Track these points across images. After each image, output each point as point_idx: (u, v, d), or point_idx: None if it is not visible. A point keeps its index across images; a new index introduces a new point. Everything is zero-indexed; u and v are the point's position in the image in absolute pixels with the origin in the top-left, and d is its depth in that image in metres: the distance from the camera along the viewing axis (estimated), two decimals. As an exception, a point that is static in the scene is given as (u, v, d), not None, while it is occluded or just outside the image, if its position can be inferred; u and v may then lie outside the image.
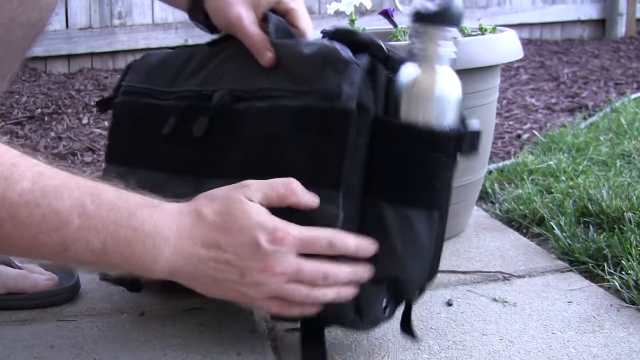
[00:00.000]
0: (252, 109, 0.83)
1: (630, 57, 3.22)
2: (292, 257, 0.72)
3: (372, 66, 0.78)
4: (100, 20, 2.98)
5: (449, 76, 0.78)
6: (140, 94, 0.96)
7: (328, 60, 0.79)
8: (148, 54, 1.00)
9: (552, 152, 1.68)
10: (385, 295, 0.81)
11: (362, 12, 2.92)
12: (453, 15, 0.77)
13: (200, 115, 0.86)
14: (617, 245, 1.10)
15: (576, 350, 0.86)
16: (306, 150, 0.77)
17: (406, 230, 0.78)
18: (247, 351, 0.86)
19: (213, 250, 0.71)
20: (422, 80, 0.77)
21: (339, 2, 1.27)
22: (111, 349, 0.88)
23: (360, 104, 0.76)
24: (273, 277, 0.72)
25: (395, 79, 0.78)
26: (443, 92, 0.77)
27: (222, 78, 0.88)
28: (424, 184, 0.78)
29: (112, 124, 1.00)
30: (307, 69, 0.80)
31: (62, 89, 2.53)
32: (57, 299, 0.99)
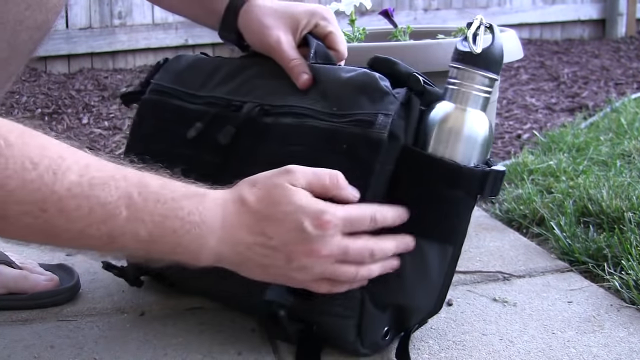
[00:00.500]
0: (279, 124, 0.84)
1: (630, 57, 3.22)
2: (338, 238, 0.72)
3: (408, 98, 0.79)
4: (100, 20, 2.98)
5: (480, 118, 0.79)
6: (168, 94, 0.96)
7: (366, 88, 0.80)
8: (179, 56, 1.01)
9: (552, 152, 1.68)
10: (388, 322, 0.82)
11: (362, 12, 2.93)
12: (495, 61, 0.79)
13: (228, 123, 0.86)
14: (617, 245, 1.10)
15: (576, 350, 0.86)
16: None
17: (418, 260, 0.79)
18: (247, 350, 0.86)
19: (259, 237, 0.71)
20: (453, 118, 0.78)
21: (339, 2, 1.27)
22: (111, 349, 0.88)
23: (391, 133, 0.77)
24: (320, 259, 0.72)
25: (428, 113, 0.79)
26: (471, 132, 0.78)
27: (252, 91, 0.89)
28: (442, 218, 0.79)
29: (136, 121, 1.00)
30: (342, 94, 0.82)
31: (62, 89, 2.53)
32: (57, 299, 0.99)
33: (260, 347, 0.87)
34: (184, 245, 0.69)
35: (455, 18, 3.52)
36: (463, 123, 0.78)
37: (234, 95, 0.89)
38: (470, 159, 0.78)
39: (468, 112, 0.79)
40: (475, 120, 0.79)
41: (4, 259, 1.01)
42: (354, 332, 0.81)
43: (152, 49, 3.05)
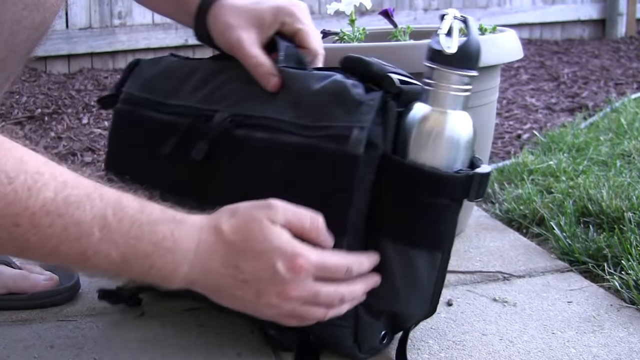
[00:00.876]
0: (253, 139, 0.81)
1: (630, 57, 3.22)
2: (309, 282, 0.72)
3: (384, 103, 0.75)
4: (100, 20, 2.98)
5: (461, 118, 0.76)
6: (139, 104, 0.93)
7: (338, 98, 0.77)
8: (151, 60, 0.98)
9: (552, 152, 1.68)
10: (384, 327, 0.82)
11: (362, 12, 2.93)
12: (472, 58, 0.75)
13: (201, 137, 0.84)
14: (617, 245, 1.10)
15: (576, 350, 0.86)
16: (310, 192, 0.76)
17: (407, 270, 0.78)
18: (247, 351, 0.86)
19: (231, 269, 0.71)
20: (432, 122, 0.75)
21: (339, 2, 1.27)
22: (111, 349, 0.88)
23: (368, 142, 0.74)
24: (289, 301, 0.71)
25: (407, 115, 0.77)
26: (452, 135, 0.76)
27: (225, 97, 0.86)
28: (428, 227, 0.77)
29: (112, 131, 0.99)
30: (315, 105, 0.78)
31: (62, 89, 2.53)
32: (57, 299, 0.99)
33: (260, 348, 0.87)
34: (157, 268, 0.68)
35: (455, 18, 3.52)
36: (443, 127, 0.75)
37: (206, 104, 0.86)
38: (453, 162, 0.76)
39: (447, 114, 0.76)
40: (455, 122, 0.76)
41: (3, 258, 1.01)
42: (350, 339, 0.81)
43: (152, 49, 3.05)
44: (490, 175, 0.78)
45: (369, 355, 0.84)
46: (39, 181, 0.62)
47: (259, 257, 0.70)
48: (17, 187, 0.61)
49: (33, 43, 0.81)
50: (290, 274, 0.70)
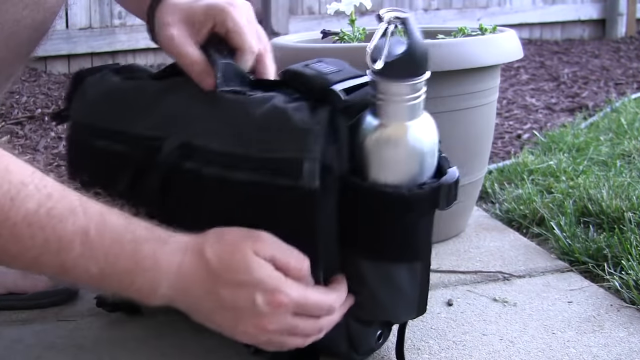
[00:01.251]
0: (205, 176, 0.76)
1: (630, 57, 3.22)
2: (288, 317, 0.71)
3: (332, 121, 0.71)
4: (100, 20, 2.98)
5: (420, 127, 0.71)
6: (88, 133, 0.87)
7: (281, 127, 0.72)
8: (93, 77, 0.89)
9: (552, 152, 1.68)
10: (377, 329, 0.82)
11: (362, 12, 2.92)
12: (416, 64, 0.68)
13: (152, 171, 0.79)
14: (617, 245, 1.10)
15: (576, 350, 0.85)
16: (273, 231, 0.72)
17: (388, 283, 0.76)
18: (246, 351, 0.86)
19: (211, 295, 0.70)
20: (389, 139, 0.70)
21: (339, 2, 1.27)
22: (111, 349, 0.88)
23: (323, 166, 0.70)
24: (266, 333, 0.71)
25: (359, 130, 0.72)
26: (414, 147, 0.71)
27: (172, 123, 0.80)
28: (401, 242, 0.75)
29: (68, 160, 0.93)
30: (259, 135, 0.74)
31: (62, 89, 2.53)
32: (57, 299, 0.99)
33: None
34: (136, 285, 0.68)
35: (455, 18, 3.52)
36: (401, 141, 0.70)
37: (154, 131, 0.81)
38: (418, 176, 0.72)
39: (405, 127, 0.70)
40: (414, 133, 0.71)
41: (3, 259, 1.01)
42: (345, 345, 0.81)
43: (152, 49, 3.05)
44: (458, 180, 0.74)
45: (367, 355, 0.84)
46: (22, 192, 0.62)
47: (239, 288, 0.69)
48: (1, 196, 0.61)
49: (33, 43, 0.81)
50: (269, 308, 0.69)
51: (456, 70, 1.10)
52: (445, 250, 1.17)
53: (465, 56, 1.10)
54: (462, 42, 1.12)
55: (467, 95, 1.13)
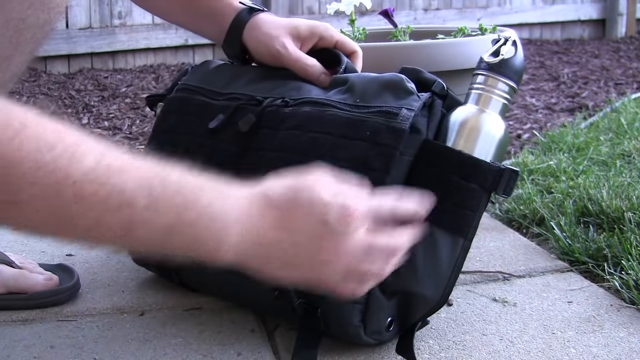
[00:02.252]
0: (300, 112, 0.88)
1: (630, 57, 3.22)
2: (362, 234, 0.71)
3: (431, 100, 0.85)
4: (100, 20, 2.98)
5: (499, 121, 0.86)
6: (194, 91, 1.00)
7: (391, 86, 0.86)
8: (207, 61, 1.05)
9: (552, 152, 1.68)
10: (392, 312, 0.83)
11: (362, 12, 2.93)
12: (516, 71, 0.86)
13: (249, 113, 0.91)
14: (617, 245, 1.10)
15: (576, 350, 0.86)
16: (352, 158, 0.82)
17: (429, 249, 0.81)
18: (247, 351, 0.86)
19: (282, 232, 0.69)
20: (474, 118, 0.85)
21: (339, 2, 1.27)
22: (111, 349, 0.88)
23: (413, 126, 0.82)
24: (344, 255, 0.70)
25: (450, 114, 0.85)
26: (490, 131, 0.84)
27: (275, 89, 0.93)
28: (455, 209, 0.82)
29: (160, 117, 1.03)
30: (368, 89, 0.87)
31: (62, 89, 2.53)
32: (57, 299, 0.99)
33: (260, 347, 0.87)
34: (203, 239, 0.66)
35: (455, 18, 3.52)
36: (482, 122, 0.85)
37: (258, 92, 0.94)
38: (487, 155, 0.83)
39: (488, 113, 0.85)
40: (494, 121, 0.85)
41: (3, 258, 1.01)
42: (358, 317, 0.81)
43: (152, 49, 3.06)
44: (519, 175, 0.85)
45: (373, 340, 0.84)
46: (78, 150, 0.60)
47: (309, 215, 0.69)
48: (57, 155, 0.58)
49: (37, 42, 0.81)
50: (343, 226, 0.69)
51: (456, 70, 1.09)
52: (445, 250, 1.17)
53: (465, 56, 1.10)
54: (462, 42, 1.12)
55: (467, 95, 1.13)
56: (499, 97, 0.86)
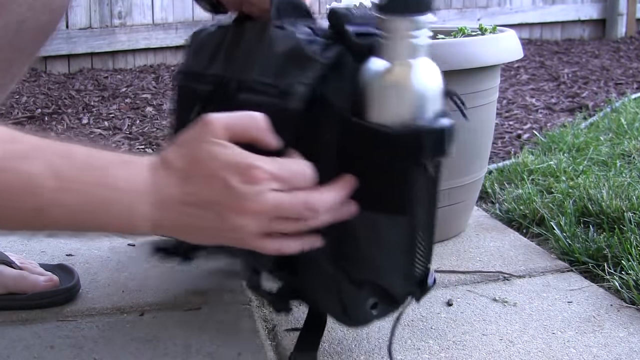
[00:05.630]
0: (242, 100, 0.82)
1: (630, 57, 3.22)
2: (270, 193, 0.67)
3: (339, 59, 0.74)
4: (100, 20, 2.98)
5: (423, 70, 0.71)
6: (186, 76, 0.97)
7: (293, 55, 0.78)
8: (197, 32, 0.99)
9: (552, 152, 1.68)
10: (370, 295, 0.79)
11: (362, 12, 2.93)
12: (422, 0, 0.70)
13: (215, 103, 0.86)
14: (617, 245, 1.10)
15: (576, 350, 0.86)
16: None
17: (371, 234, 0.75)
18: (247, 351, 0.86)
19: (188, 197, 0.67)
20: (391, 77, 0.71)
21: (339, 2, 1.27)
22: (111, 349, 0.88)
23: (322, 100, 0.73)
24: (253, 217, 0.67)
25: (363, 71, 0.73)
26: (414, 88, 0.71)
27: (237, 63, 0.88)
28: (383, 187, 0.74)
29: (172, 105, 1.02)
30: (275, 65, 0.80)
31: (62, 89, 2.53)
32: (57, 299, 0.99)
33: (260, 347, 0.87)
34: (115, 214, 0.66)
35: (455, 18, 3.52)
36: (399, 79, 0.70)
37: (227, 72, 0.88)
38: (416, 117, 0.70)
39: (403, 64, 0.70)
40: (414, 72, 0.71)
41: (4, 259, 1.01)
42: (338, 308, 0.80)
43: (152, 49, 3.05)
44: (451, 129, 0.71)
45: (361, 323, 0.82)
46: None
47: (212, 177, 0.67)
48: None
49: (38, 44, 0.81)
50: (247, 187, 0.66)
51: (456, 70, 1.10)
52: (445, 250, 1.17)
53: (465, 56, 1.10)
54: (462, 42, 1.12)
55: (467, 95, 1.13)
56: (407, 38, 0.70)
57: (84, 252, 1.17)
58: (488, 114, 1.20)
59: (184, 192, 0.68)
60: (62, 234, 0.71)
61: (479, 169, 1.23)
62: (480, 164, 1.23)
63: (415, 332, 0.90)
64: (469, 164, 1.18)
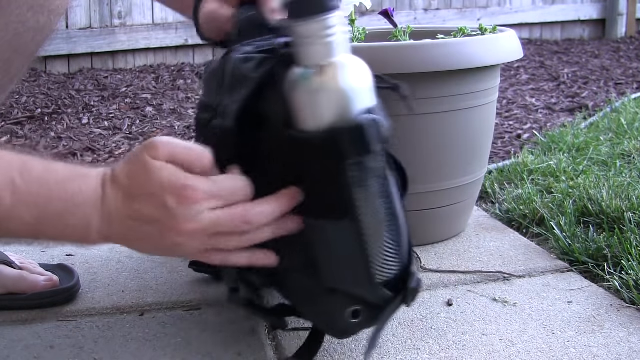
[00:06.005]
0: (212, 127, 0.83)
1: (630, 57, 3.22)
2: (205, 213, 0.68)
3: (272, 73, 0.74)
4: (100, 20, 2.97)
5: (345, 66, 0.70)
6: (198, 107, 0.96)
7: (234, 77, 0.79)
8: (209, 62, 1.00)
9: (552, 152, 1.68)
10: (347, 303, 0.77)
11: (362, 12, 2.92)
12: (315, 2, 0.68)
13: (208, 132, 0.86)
14: (617, 245, 1.10)
15: (576, 351, 0.86)
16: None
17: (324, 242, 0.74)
18: (247, 351, 0.86)
19: (131, 213, 0.69)
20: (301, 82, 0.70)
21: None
22: (111, 349, 0.88)
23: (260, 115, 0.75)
24: (190, 236, 0.69)
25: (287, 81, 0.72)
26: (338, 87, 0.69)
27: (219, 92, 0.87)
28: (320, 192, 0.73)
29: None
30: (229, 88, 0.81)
31: (62, 89, 2.53)
32: (57, 299, 0.99)
33: (260, 347, 0.87)
34: (71, 226, 0.68)
35: (455, 18, 3.52)
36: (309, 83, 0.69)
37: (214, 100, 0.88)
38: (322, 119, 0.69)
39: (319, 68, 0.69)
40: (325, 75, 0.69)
41: (3, 259, 1.01)
42: (320, 318, 0.80)
43: (152, 49, 3.05)
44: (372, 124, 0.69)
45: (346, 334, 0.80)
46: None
47: (150, 198, 0.68)
48: None
49: (38, 44, 0.81)
50: (182, 208, 0.67)
51: (456, 70, 1.10)
52: (445, 250, 1.17)
53: (465, 56, 1.10)
54: (462, 42, 1.12)
55: (467, 95, 1.13)
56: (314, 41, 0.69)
57: (84, 252, 1.17)
58: (488, 114, 1.20)
59: (129, 207, 0.69)
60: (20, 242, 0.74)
61: (479, 169, 1.23)
62: (480, 164, 1.23)
63: (415, 332, 0.90)
64: (469, 164, 1.18)
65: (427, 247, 1.18)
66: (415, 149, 1.13)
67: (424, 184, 1.15)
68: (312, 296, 0.78)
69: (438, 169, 1.15)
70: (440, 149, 1.14)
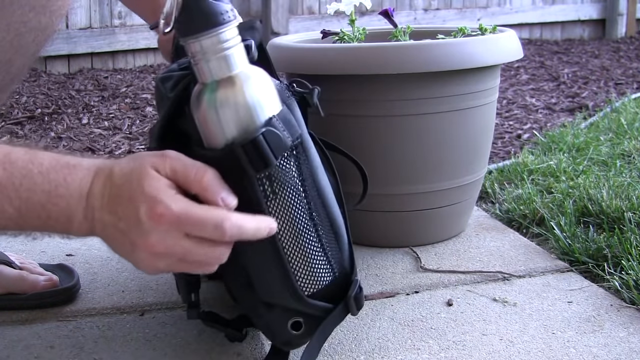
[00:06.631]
0: None
1: (630, 57, 3.22)
2: (178, 237, 0.66)
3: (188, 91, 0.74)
4: (100, 20, 2.97)
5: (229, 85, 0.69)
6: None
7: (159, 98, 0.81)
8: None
9: (552, 152, 1.68)
10: (287, 315, 0.77)
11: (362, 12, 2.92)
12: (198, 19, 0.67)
13: None
14: (617, 245, 1.10)
15: (576, 351, 0.86)
16: None
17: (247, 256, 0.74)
18: (247, 351, 0.86)
19: (112, 215, 0.67)
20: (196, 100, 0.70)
21: (339, 2, 1.27)
22: (111, 349, 0.88)
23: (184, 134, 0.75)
24: (158, 256, 0.67)
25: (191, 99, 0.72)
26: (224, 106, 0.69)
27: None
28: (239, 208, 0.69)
29: None
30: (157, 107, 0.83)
31: (62, 89, 2.53)
32: (57, 299, 0.99)
33: (260, 348, 0.87)
34: (54, 218, 0.67)
35: (455, 18, 3.52)
36: (200, 101, 0.70)
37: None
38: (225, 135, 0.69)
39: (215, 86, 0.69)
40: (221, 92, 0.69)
41: (3, 259, 1.01)
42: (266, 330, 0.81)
43: (152, 49, 3.05)
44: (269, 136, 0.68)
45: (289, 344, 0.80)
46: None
47: (130, 202, 0.66)
48: None
49: (39, 45, 0.81)
50: (151, 222, 0.65)
51: (456, 70, 1.10)
52: (445, 250, 1.17)
53: (465, 56, 1.10)
54: (462, 42, 1.12)
55: (467, 95, 1.14)
56: (211, 58, 0.68)
57: (84, 252, 1.17)
58: (488, 114, 1.20)
59: (112, 206, 0.68)
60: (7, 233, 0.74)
61: (479, 169, 1.23)
62: (480, 164, 1.23)
63: (415, 332, 0.90)
64: (469, 164, 1.18)
65: (427, 247, 1.18)
66: (415, 149, 1.13)
67: (424, 184, 1.15)
68: (256, 309, 0.79)
69: (438, 169, 1.15)
70: (441, 149, 1.14)
